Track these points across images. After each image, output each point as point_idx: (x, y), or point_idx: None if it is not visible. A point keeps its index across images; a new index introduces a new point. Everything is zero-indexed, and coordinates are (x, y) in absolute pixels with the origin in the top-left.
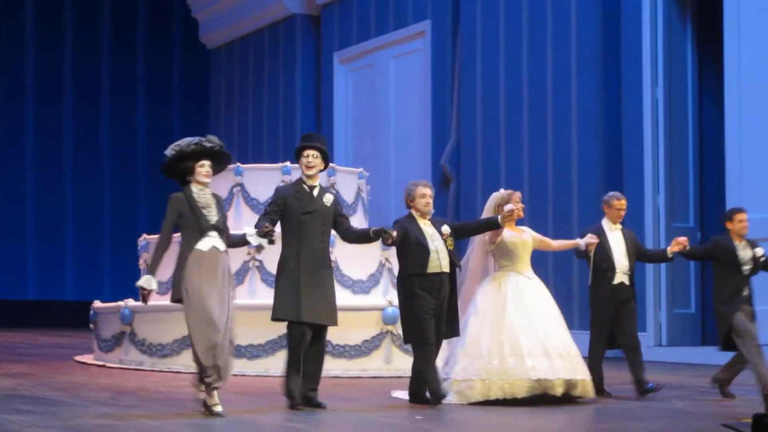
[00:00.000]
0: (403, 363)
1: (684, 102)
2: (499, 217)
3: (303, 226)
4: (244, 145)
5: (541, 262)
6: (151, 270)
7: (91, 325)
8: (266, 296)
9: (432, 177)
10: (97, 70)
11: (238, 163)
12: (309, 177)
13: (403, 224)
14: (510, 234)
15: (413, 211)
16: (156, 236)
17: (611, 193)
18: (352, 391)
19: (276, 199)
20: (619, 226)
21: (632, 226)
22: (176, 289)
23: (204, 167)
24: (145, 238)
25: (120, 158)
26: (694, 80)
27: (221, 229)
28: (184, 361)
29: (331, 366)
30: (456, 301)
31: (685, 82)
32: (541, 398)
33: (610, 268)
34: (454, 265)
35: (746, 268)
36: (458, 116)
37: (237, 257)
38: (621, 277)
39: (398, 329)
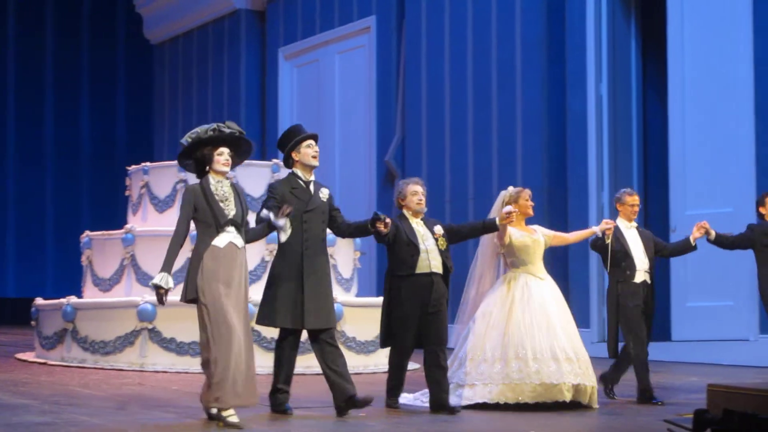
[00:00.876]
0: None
1: (628, 98)
2: (497, 218)
3: (305, 225)
4: None
5: None
6: (167, 267)
7: (32, 323)
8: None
9: (377, 173)
10: (40, 66)
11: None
12: (309, 170)
13: (394, 222)
14: (519, 234)
15: (405, 211)
16: (100, 233)
17: (623, 190)
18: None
19: (273, 195)
20: (634, 224)
21: (577, 222)
22: (190, 288)
23: (223, 155)
24: (87, 235)
25: (63, 154)
26: (638, 76)
27: (239, 224)
28: (128, 359)
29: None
30: (445, 308)
31: (629, 78)
32: (549, 405)
33: (630, 267)
34: (446, 266)
35: None
36: (403, 112)
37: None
38: (643, 275)
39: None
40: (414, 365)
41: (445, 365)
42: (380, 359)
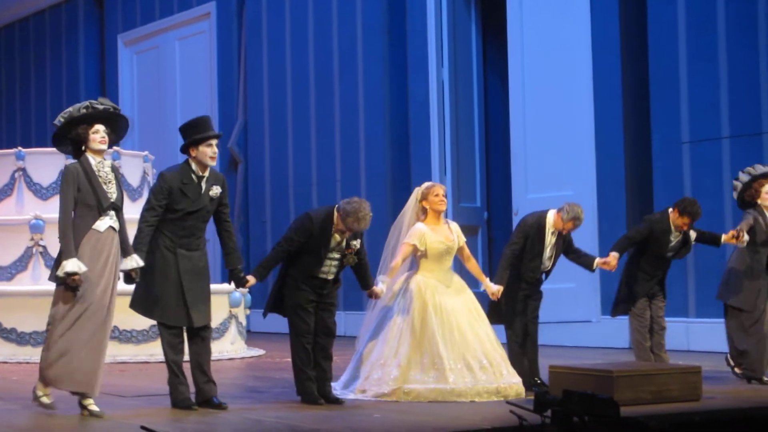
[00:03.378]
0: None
1: (469, 83)
2: (373, 288)
3: (185, 224)
4: (27, 130)
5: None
6: (71, 252)
7: None
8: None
9: (219, 159)
10: None
11: (20, 147)
12: (205, 167)
13: (310, 228)
14: (435, 239)
15: (336, 218)
16: None
17: (572, 205)
18: (141, 378)
19: (162, 188)
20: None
21: None
22: (60, 268)
23: (99, 132)
24: None
25: None
26: (479, 61)
27: (119, 207)
28: None
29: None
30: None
31: (470, 63)
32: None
33: (535, 269)
34: (338, 277)
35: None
36: (245, 98)
37: (20, 243)
38: (539, 276)
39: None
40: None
41: (331, 356)
42: (224, 346)
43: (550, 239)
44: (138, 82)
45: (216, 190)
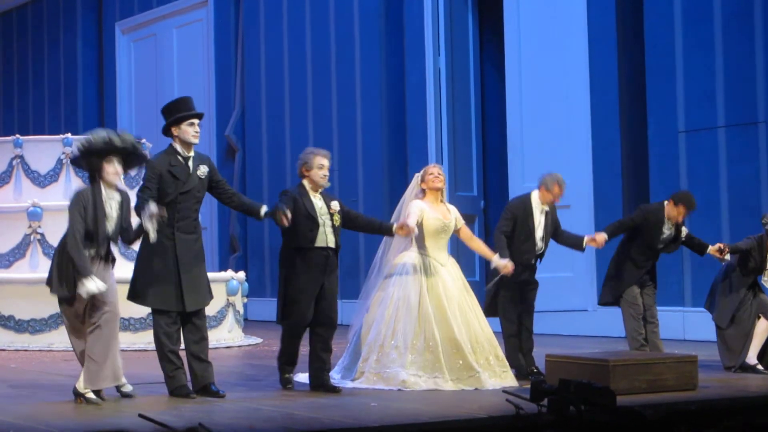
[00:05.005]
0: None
1: (466, 71)
2: (394, 226)
3: (179, 206)
4: (24, 117)
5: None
6: (88, 270)
7: None
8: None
9: (217, 147)
10: None
11: (18, 135)
12: (190, 147)
13: (293, 195)
14: (433, 216)
15: (306, 182)
16: None
17: (552, 174)
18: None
19: (152, 174)
20: (546, 207)
21: None
22: (67, 285)
23: (112, 165)
24: None
25: None
26: (476, 49)
27: (112, 239)
28: None
29: None
30: (337, 284)
31: (467, 52)
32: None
33: (529, 251)
34: (338, 243)
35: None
36: (242, 86)
37: (18, 230)
38: (533, 258)
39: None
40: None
41: (331, 347)
42: (222, 334)
43: (539, 219)
44: (135, 70)
45: (203, 170)
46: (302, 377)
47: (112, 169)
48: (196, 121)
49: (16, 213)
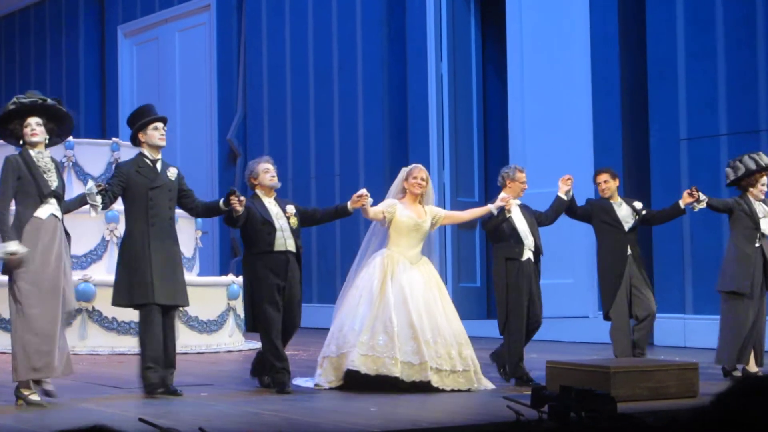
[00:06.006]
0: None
1: (468, 77)
2: (348, 203)
3: (151, 202)
4: None
5: None
6: (11, 235)
7: None
8: None
9: (218, 152)
10: None
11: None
12: (156, 150)
13: (246, 203)
14: (405, 214)
15: (258, 190)
16: None
17: (512, 165)
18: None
19: (118, 174)
20: (518, 201)
21: None
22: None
23: (29, 126)
24: None
25: None
26: (478, 55)
27: (60, 196)
28: None
29: (117, 343)
30: (300, 289)
31: (469, 58)
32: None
33: (518, 245)
34: (298, 246)
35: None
36: (244, 91)
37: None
38: (528, 253)
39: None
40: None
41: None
42: (222, 339)
43: (516, 212)
44: (138, 74)
45: (173, 171)
46: (300, 380)
47: (29, 130)
48: (160, 124)
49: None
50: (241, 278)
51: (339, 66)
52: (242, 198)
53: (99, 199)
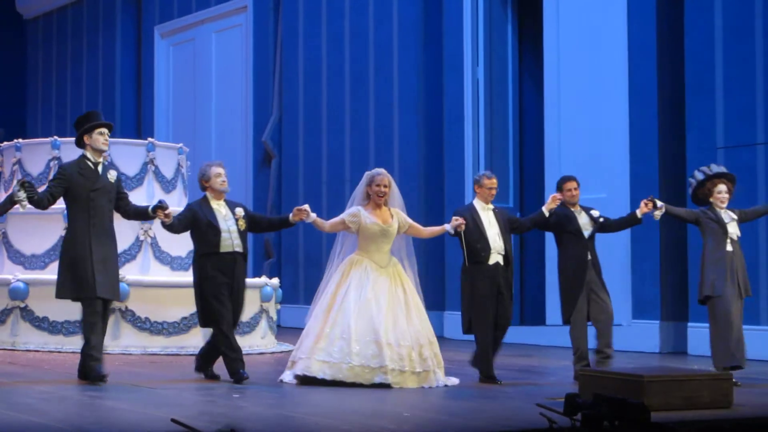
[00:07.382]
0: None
1: (504, 82)
2: (290, 215)
3: (92, 203)
4: (62, 119)
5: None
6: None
7: None
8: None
9: (254, 153)
10: None
11: (55, 137)
12: (99, 154)
13: (193, 207)
14: (370, 221)
15: (208, 192)
16: None
17: (482, 173)
18: (171, 369)
19: (60, 175)
20: (491, 206)
21: (453, 205)
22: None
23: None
24: None
25: None
26: (515, 60)
27: None
28: None
29: (149, 343)
30: (245, 287)
31: (505, 63)
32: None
33: (485, 249)
34: (245, 247)
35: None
36: (280, 92)
37: (54, 232)
38: (496, 257)
39: None
40: (289, 346)
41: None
42: (255, 340)
43: (487, 216)
44: (174, 74)
45: (113, 174)
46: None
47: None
48: (105, 130)
49: (51, 215)
50: (274, 280)
51: (375, 69)
52: (169, 212)
53: (22, 195)
